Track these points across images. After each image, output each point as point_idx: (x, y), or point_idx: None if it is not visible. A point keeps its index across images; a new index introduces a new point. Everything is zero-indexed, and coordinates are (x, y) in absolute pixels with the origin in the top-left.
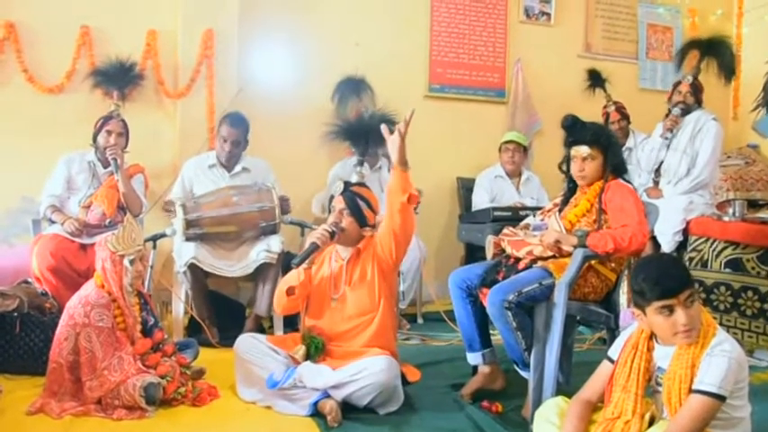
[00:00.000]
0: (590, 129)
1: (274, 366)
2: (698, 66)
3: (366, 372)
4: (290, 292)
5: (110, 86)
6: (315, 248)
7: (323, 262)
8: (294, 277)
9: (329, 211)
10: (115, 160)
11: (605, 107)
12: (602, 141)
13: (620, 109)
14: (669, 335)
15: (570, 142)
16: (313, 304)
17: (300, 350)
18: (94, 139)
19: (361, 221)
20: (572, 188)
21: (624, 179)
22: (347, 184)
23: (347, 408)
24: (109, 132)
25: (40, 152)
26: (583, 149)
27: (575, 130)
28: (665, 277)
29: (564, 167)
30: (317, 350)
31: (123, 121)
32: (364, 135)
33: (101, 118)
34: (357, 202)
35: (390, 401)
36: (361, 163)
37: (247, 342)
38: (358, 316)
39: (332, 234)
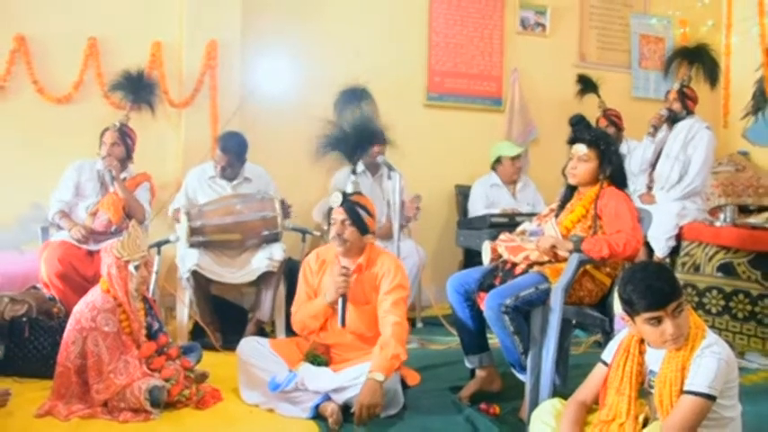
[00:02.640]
0: (592, 131)
1: (276, 370)
2: (688, 74)
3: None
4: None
5: (135, 100)
6: (345, 299)
7: (325, 272)
8: (322, 312)
9: (329, 224)
10: (110, 172)
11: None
12: (600, 146)
13: (610, 116)
14: (657, 342)
15: (571, 140)
16: None
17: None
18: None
19: (363, 230)
20: (569, 193)
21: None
22: (345, 195)
23: (348, 410)
24: (104, 143)
25: (49, 161)
26: (580, 149)
27: (578, 128)
28: (652, 290)
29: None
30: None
31: (120, 130)
32: (350, 143)
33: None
34: (357, 211)
35: (390, 405)
36: (353, 171)
37: (250, 346)
38: (360, 328)
39: (347, 274)
